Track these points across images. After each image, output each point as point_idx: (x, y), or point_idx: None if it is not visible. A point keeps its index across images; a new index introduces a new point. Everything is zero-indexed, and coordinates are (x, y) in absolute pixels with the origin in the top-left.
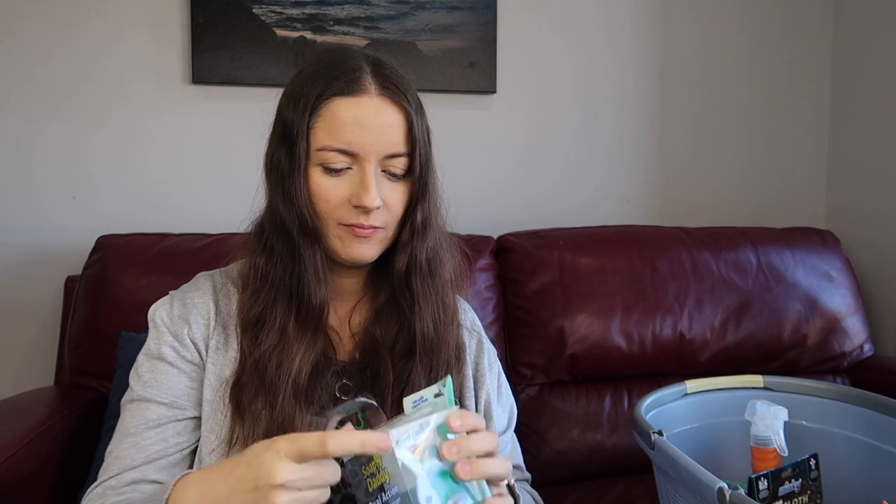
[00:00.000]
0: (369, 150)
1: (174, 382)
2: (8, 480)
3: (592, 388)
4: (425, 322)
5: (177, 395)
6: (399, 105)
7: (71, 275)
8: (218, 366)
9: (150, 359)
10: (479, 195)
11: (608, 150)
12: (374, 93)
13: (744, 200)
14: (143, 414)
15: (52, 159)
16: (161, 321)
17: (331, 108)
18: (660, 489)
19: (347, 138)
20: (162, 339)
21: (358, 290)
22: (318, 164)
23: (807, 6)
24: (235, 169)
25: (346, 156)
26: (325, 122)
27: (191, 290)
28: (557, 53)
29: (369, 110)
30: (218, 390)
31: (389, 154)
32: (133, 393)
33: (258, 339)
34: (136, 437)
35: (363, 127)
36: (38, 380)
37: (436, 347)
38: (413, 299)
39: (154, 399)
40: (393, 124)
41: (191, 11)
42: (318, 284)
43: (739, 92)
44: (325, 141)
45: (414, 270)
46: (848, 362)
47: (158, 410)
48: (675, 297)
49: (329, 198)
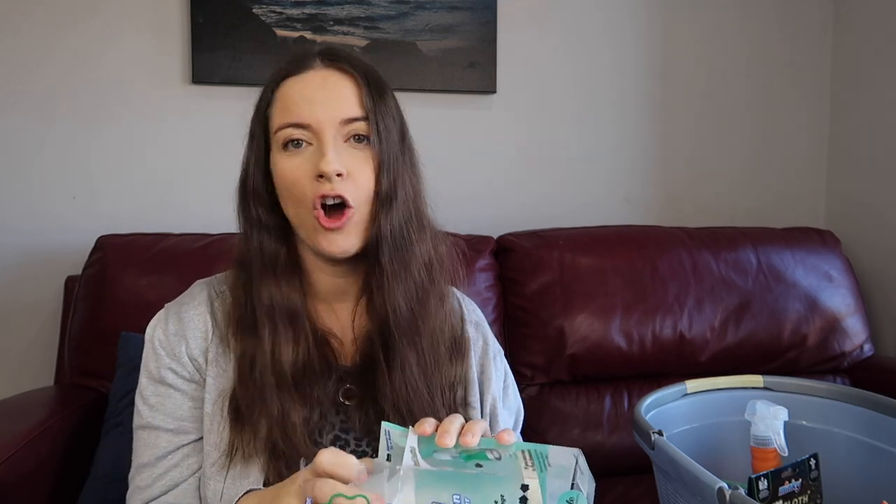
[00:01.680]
0: (322, 119)
1: (178, 405)
2: (8, 480)
3: (592, 388)
4: (396, 297)
5: (181, 418)
6: (345, 72)
7: (71, 275)
8: (218, 379)
9: (152, 382)
10: (479, 195)
11: (608, 150)
12: (319, 66)
13: (744, 200)
14: (155, 442)
15: (53, 159)
16: (158, 342)
17: (282, 90)
18: (660, 489)
19: (298, 111)
20: (160, 363)
21: (356, 292)
22: (279, 146)
23: (807, 6)
24: (235, 169)
25: (301, 129)
26: (279, 103)
27: (186, 301)
28: (557, 53)
29: (315, 82)
30: (217, 402)
31: (345, 118)
32: (142, 419)
33: (244, 345)
34: (152, 469)
35: (311, 98)
36: (38, 380)
37: (412, 325)
38: (381, 274)
39: (161, 426)
40: (342, 89)
41: (191, 11)
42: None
43: (739, 92)
44: (280, 121)
45: (381, 243)
46: (848, 362)
47: (167, 438)
48: (675, 297)
49: (295, 178)
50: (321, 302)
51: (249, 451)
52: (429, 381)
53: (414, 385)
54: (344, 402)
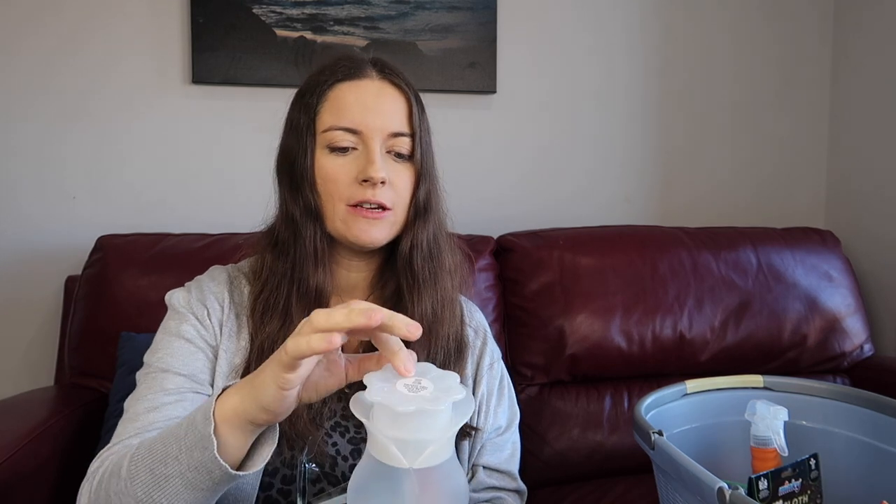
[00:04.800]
0: (373, 128)
1: (193, 358)
2: (8, 480)
3: (592, 388)
4: (425, 303)
5: (196, 369)
6: (399, 88)
7: (71, 275)
8: (230, 353)
9: (168, 335)
10: (479, 195)
11: (608, 149)
12: (375, 76)
13: (744, 200)
14: (161, 383)
15: (53, 159)
16: (180, 304)
17: (335, 92)
18: (660, 489)
19: (351, 117)
20: (182, 319)
21: (367, 286)
22: (324, 145)
23: (807, 6)
24: (235, 169)
25: (351, 134)
26: (331, 104)
27: (206, 279)
28: (557, 53)
29: (371, 91)
30: (228, 377)
31: (393, 132)
32: (149, 367)
33: (263, 324)
34: (152, 402)
35: (365, 106)
36: (38, 380)
37: (433, 329)
38: (414, 280)
39: (172, 369)
40: (395, 104)
41: (191, 11)
42: (315, 268)
43: (739, 92)
44: (331, 122)
45: (416, 250)
46: (848, 362)
47: (177, 380)
48: (675, 297)
49: (336, 177)
50: (334, 293)
51: None
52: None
53: None
54: (345, 389)
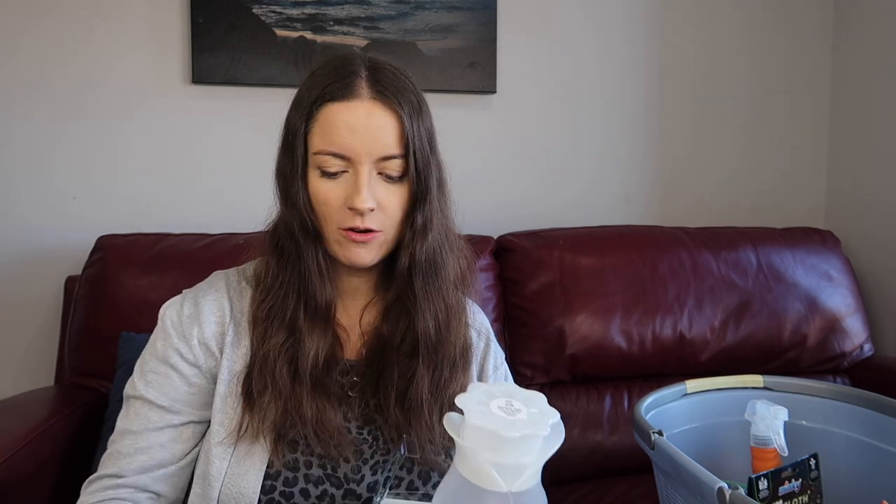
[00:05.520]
0: (361, 153)
1: (174, 387)
2: (8, 480)
3: (592, 388)
4: (427, 321)
5: (174, 399)
6: (391, 108)
7: (71, 275)
8: (231, 361)
9: (155, 359)
10: (479, 195)
11: (608, 150)
12: (365, 97)
13: (744, 200)
14: (146, 414)
15: (52, 159)
16: (171, 322)
17: (324, 113)
18: (660, 489)
19: (339, 142)
20: (168, 342)
21: (369, 290)
22: (315, 167)
23: (807, 7)
24: (235, 169)
25: (339, 159)
26: (320, 126)
27: (204, 288)
28: (557, 53)
29: (360, 114)
30: (230, 384)
31: (382, 156)
32: (135, 390)
33: (267, 334)
34: (137, 438)
35: (354, 131)
36: (38, 380)
37: (438, 347)
38: (415, 299)
39: (154, 402)
40: (384, 127)
41: (191, 11)
42: (322, 283)
43: (740, 92)
44: (320, 145)
45: (415, 269)
46: (848, 362)
47: (158, 413)
48: (675, 297)
49: (327, 200)
50: (336, 299)
51: (256, 431)
52: (433, 390)
53: (419, 395)
54: (348, 393)
